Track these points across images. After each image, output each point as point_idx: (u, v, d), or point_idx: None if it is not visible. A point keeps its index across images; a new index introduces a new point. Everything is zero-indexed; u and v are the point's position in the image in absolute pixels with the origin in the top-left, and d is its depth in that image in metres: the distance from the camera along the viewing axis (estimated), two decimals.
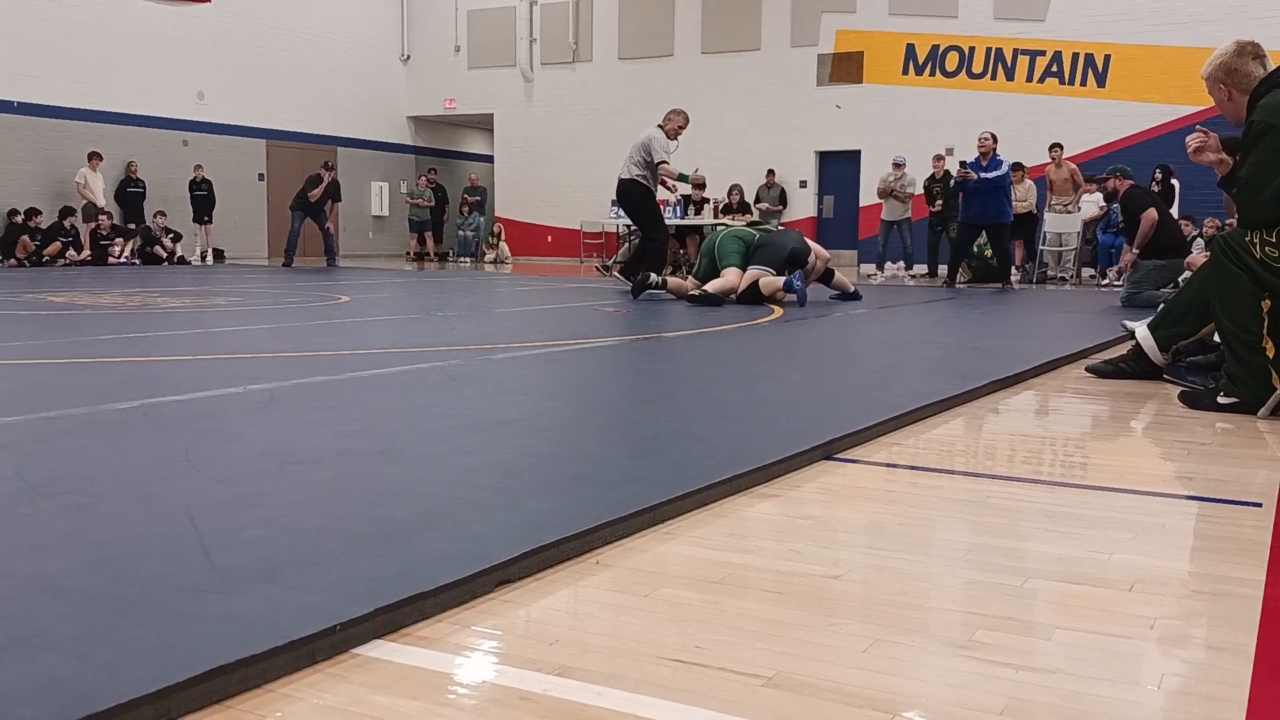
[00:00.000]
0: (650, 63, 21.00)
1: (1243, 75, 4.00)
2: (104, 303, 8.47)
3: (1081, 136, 16.43)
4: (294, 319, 7.23)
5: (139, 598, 1.65)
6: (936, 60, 18.36)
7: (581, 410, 3.72)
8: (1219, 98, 4.11)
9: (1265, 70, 3.99)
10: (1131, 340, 5.11)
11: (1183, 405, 4.03)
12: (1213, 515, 2.51)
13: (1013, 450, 3.25)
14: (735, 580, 1.94)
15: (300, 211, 16.82)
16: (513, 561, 1.89)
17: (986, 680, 1.50)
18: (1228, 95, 4.06)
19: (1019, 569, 2.02)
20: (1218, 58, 4.08)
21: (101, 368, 4.56)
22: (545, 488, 2.44)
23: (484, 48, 22.80)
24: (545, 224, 22.24)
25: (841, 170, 19.32)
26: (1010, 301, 10.35)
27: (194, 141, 19.40)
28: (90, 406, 3.42)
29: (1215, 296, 4.02)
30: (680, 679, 1.49)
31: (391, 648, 1.59)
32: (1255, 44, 4.05)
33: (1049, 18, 17.45)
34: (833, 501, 2.55)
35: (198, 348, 5.41)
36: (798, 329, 6.87)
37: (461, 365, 4.65)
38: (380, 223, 23.85)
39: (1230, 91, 4.04)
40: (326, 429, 3.10)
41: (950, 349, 5.93)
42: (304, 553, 1.90)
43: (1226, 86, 4.04)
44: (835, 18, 19.14)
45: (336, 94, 22.18)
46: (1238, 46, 4.04)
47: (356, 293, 10.15)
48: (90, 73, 17.75)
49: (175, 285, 11.17)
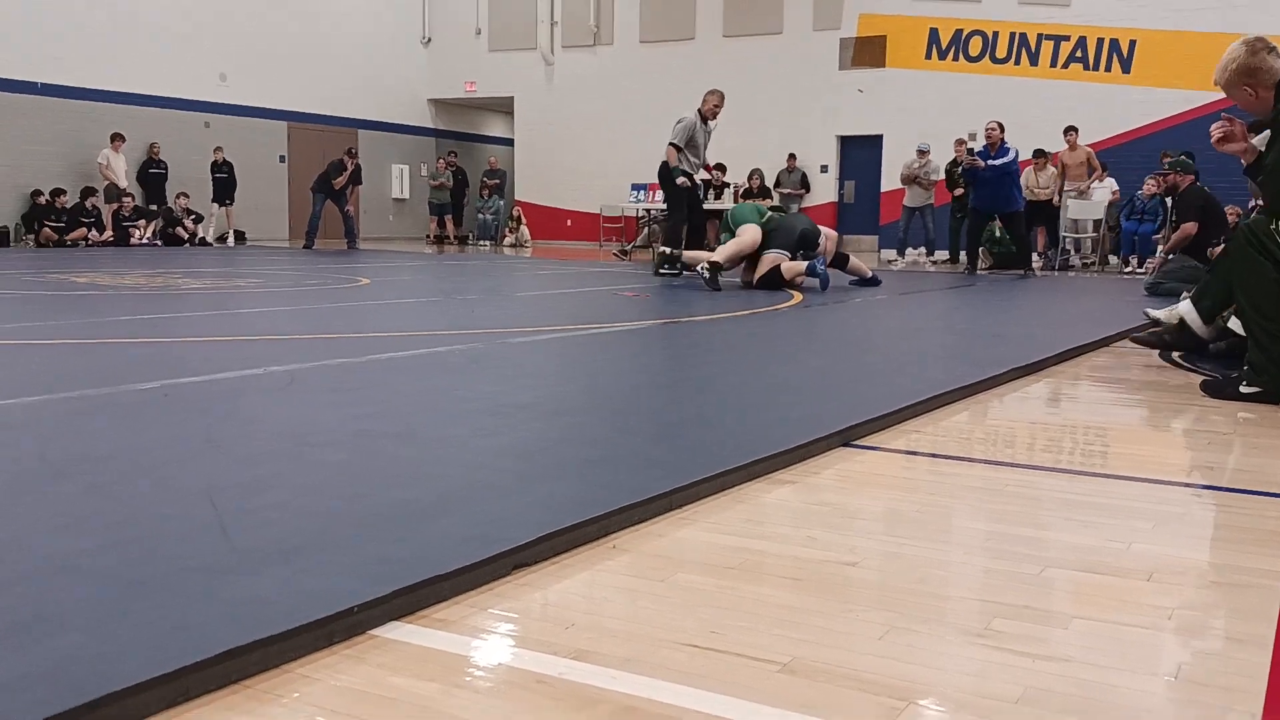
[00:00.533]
0: (671, 46, 20.90)
1: (1265, 72, 3.97)
2: (126, 283, 8.52)
3: (1105, 123, 16.27)
4: (314, 301, 7.26)
5: (157, 578, 1.67)
6: (960, 45, 18.21)
7: (599, 395, 3.72)
8: (1243, 99, 4.07)
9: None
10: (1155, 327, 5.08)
11: (1205, 394, 4.00)
12: (1233, 505, 2.49)
13: (1032, 438, 3.24)
14: (752, 566, 1.94)
15: (322, 194, 16.86)
16: (529, 545, 1.90)
17: (1003, 669, 1.50)
18: (1253, 94, 4.02)
19: (1037, 558, 2.01)
20: (1231, 63, 4.04)
21: (122, 348, 4.58)
22: (562, 471, 2.44)
23: (505, 30, 22.75)
24: (565, 208, 22.22)
25: (863, 155, 19.22)
26: (1031, 288, 10.29)
27: (215, 123, 19.44)
28: (111, 387, 3.44)
29: (1239, 285, 3.99)
30: (696, 664, 1.50)
31: (408, 629, 1.60)
32: (1264, 39, 4.02)
33: (1074, 3, 17.28)
34: (850, 488, 2.55)
35: (218, 329, 5.43)
36: (817, 315, 6.85)
37: (480, 349, 4.66)
38: (400, 205, 23.88)
39: (1255, 90, 4.01)
40: (345, 411, 3.11)
41: (970, 336, 5.90)
42: (321, 535, 1.91)
43: (1251, 86, 4.01)
44: (858, 1, 19.00)
45: (357, 76, 22.18)
46: (1248, 47, 4.00)
47: (376, 275, 10.18)
48: (112, 54, 17.80)
49: (196, 266, 11.22)
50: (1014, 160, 12.42)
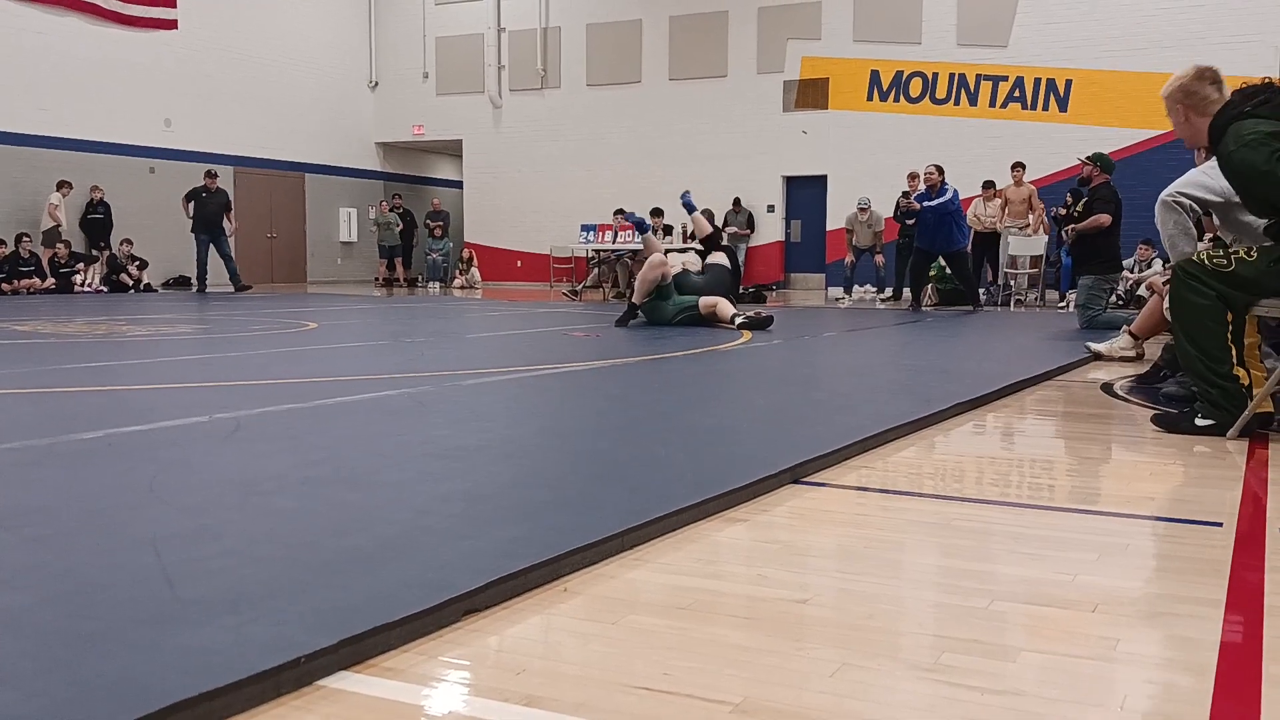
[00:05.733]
0: (618, 89, 21.10)
1: (1200, 99, 4.08)
2: (68, 331, 8.38)
3: (1044, 160, 16.62)
4: (260, 346, 7.18)
5: (100, 631, 1.63)
6: (900, 86, 18.55)
7: (550, 436, 3.71)
8: (1176, 119, 4.19)
9: (1222, 95, 4.07)
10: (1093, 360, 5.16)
11: (1157, 428, 4.04)
12: (1175, 535, 2.53)
13: (980, 472, 3.28)
14: (704, 606, 1.94)
15: (206, 236, 16.88)
16: (480, 590, 1.88)
17: (952, 703, 1.51)
18: (1184, 117, 4.14)
19: (986, 591, 2.03)
20: (1176, 80, 4.16)
21: (65, 397, 4.51)
22: (513, 515, 2.43)
23: (452, 74, 22.84)
24: (515, 249, 22.26)
25: (809, 195, 19.46)
26: (974, 324, 10.44)
27: (161, 169, 19.28)
28: (53, 437, 3.38)
29: (1179, 326, 4.03)
30: (648, 707, 1.49)
31: (357, 679, 1.58)
32: (1213, 69, 4.14)
33: (1011, 44, 17.69)
34: (801, 525, 2.56)
35: (162, 376, 5.36)
36: (765, 353, 6.89)
37: (430, 391, 4.63)
38: (349, 248, 23.76)
39: (1188, 114, 4.12)
40: (292, 457, 3.08)
41: (916, 372, 5.97)
42: (268, 583, 1.88)
43: (1184, 108, 4.12)
44: (800, 44, 19.31)
45: (305, 120, 22.13)
46: (1197, 71, 4.12)
47: (324, 319, 10.10)
48: (55, 99, 17.62)
49: (141, 313, 11.07)
50: (952, 200, 12.61)
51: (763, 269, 19.42)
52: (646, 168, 20.34)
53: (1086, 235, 9.34)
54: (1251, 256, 3.84)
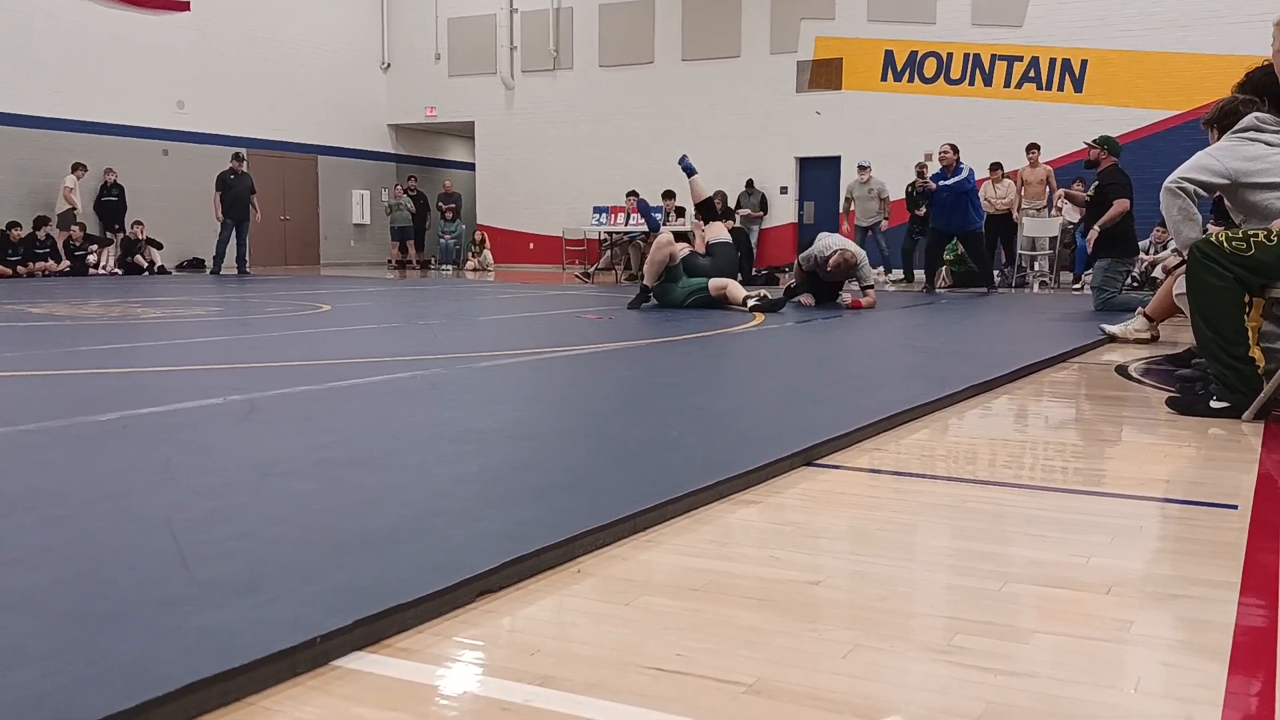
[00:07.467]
0: (631, 70, 21.04)
1: None
2: (84, 313, 8.42)
3: (1060, 141, 16.51)
4: (274, 328, 7.21)
5: (116, 612, 1.65)
6: (915, 66, 18.45)
7: (562, 418, 3.72)
8: (1277, 46, 4.05)
9: None
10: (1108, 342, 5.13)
11: (1171, 410, 4.01)
12: (1189, 518, 2.53)
13: (994, 455, 3.27)
14: (716, 587, 1.94)
15: (231, 220, 16.96)
16: (494, 571, 1.89)
17: (965, 685, 1.51)
18: None
19: (999, 573, 2.03)
20: None
21: (80, 379, 4.53)
22: (526, 496, 2.44)
23: (464, 56, 22.80)
24: (527, 231, 22.25)
25: (822, 176, 19.39)
26: (988, 306, 10.40)
27: (174, 150, 19.31)
28: (69, 418, 3.40)
29: (1195, 308, 4.00)
30: (661, 687, 1.50)
31: (372, 659, 1.59)
32: None
33: (1026, 24, 17.56)
34: (814, 507, 2.56)
35: (177, 358, 5.38)
36: (778, 336, 6.88)
37: (443, 374, 4.64)
38: (361, 231, 23.79)
39: None
40: (307, 439, 3.09)
41: (930, 354, 5.95)
42: (284, 565, 1.89)
43: None
44: (814, 24, 19.21)
45: (317, 102, 22.13)
46: None
47: (338, 301, 10.12)
48: (68, 82, 17.66)
49: (155, 295, 11.11)
50: (968, 179, 12.54)
51: (776, 251, 19.36)
52: (659, 149, 20.28)
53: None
54: (1271, 240, 3.81)
